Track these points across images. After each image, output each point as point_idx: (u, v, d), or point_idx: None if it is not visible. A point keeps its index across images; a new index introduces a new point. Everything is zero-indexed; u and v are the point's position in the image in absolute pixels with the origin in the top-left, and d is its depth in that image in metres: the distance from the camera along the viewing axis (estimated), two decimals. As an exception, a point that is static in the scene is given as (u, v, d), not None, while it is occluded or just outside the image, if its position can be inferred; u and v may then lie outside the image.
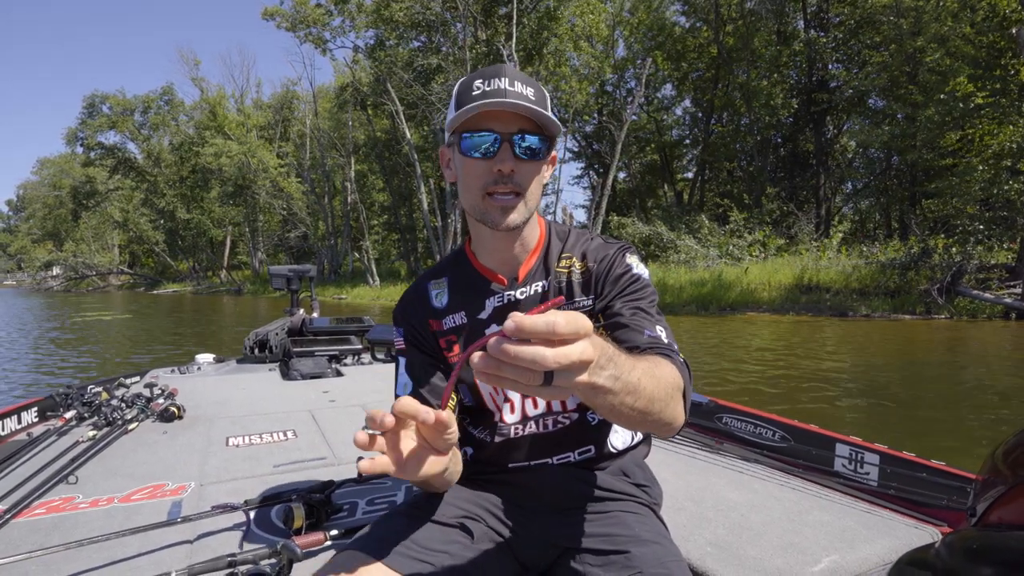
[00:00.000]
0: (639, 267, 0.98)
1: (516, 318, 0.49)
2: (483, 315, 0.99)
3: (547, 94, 0.93)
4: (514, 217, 0.90)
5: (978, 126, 13.54)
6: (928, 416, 4.62)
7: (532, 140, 0.88)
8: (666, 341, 0.87)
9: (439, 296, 1.03)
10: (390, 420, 0.60)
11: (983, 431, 4.09)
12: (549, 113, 0.89)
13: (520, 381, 0.50)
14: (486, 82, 0.87)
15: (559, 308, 0.51)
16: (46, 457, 1.79)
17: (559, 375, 0.50)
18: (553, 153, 0.97)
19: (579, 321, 0.50)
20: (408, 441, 0.66)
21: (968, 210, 12.62)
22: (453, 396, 0.97)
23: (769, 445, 1.81)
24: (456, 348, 1.00)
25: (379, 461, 0.63)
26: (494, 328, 0.86)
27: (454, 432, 0.68)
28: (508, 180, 0.87)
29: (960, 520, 1.31)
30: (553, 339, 0.49)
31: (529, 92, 0.87)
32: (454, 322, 1.00)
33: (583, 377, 0.53)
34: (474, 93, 0.87)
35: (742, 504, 1.43)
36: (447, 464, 0.70)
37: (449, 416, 0.63)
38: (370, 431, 0.61)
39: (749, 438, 1.89)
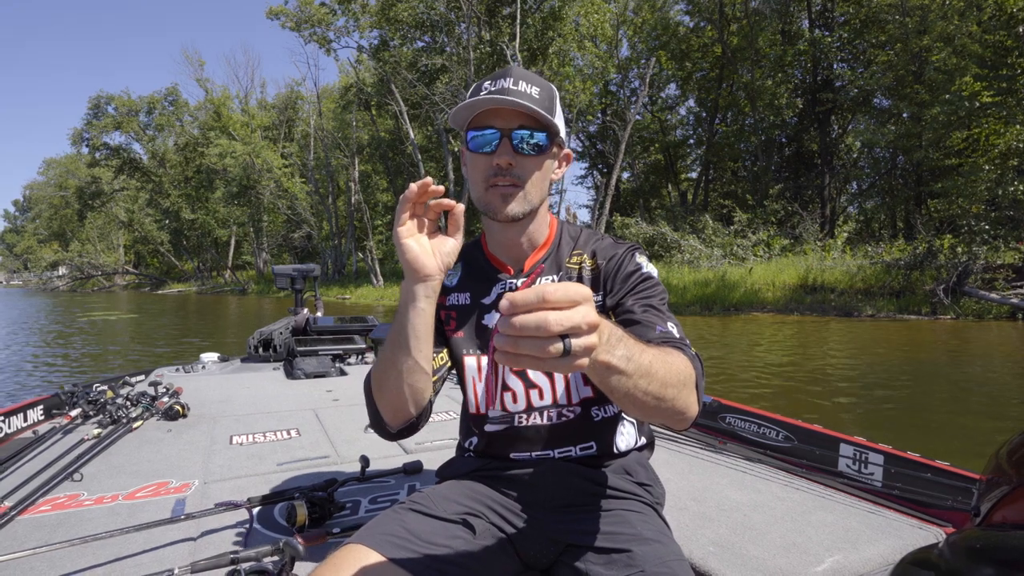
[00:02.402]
0: (648, 266, 1.01)
1: (508, 296, 0.51)
2: (487, 300, 1.04)
3: (555, 93, 0.96)
4: (513, 207, 0.94)
5: (984, 125, 13.46)
6: (933, 416, 4.59)
7: (531, 135, 0.92)
8: (677, 336, 0.89)
9: (451, 276, 1.09)
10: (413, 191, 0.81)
11: (988, 431, 4.06)
12: (556, 109, 0.95)
13: (538, 355, 0.50)
14: (493, 83, 0.93)
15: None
16: (51, 455, 1.80)
17: (574, 342, 0.50)
18: (566, 151, 1.03)
19: (571, 288, 0.51)
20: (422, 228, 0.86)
21: (974, 210, 12.56)
22: (444, 355, 1.05)
23: (772, 445, 1.81)
24: (454, 324, 1.06)
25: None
26: (496, 314, 0.90)
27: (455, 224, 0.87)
28: (507, 173, 0.93)
29: (964, 520, 1.30)
30: (546, 307, 0.50)
31: (534, 91, 0.92)
32: (458, 300, 1.07)
33: (590, 341, 0.52)
34: (481, 94, 0.92)
35: (745, 504, 1.43)
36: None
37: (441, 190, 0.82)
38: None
39: (752, 438, 1.88)
